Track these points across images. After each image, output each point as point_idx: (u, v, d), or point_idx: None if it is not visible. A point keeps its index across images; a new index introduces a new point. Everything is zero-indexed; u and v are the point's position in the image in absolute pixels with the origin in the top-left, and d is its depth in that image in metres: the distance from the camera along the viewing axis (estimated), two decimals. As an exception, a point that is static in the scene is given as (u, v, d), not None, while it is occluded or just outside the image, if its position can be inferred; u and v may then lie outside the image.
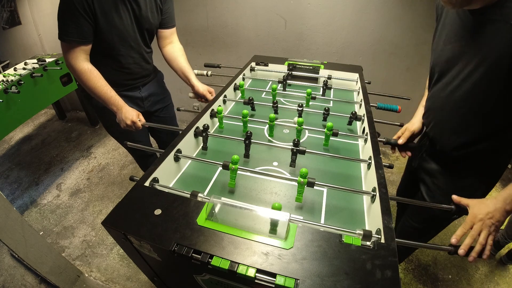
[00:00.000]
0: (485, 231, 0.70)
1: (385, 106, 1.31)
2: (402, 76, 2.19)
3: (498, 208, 0.70)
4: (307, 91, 1.30)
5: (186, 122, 1.16)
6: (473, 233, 0.71)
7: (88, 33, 1.07)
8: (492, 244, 0.71)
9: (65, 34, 1.05)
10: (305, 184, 0.78)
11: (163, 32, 1.36)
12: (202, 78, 1.75)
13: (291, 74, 1.59)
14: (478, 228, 0.71)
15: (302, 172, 0.77)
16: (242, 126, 1.17)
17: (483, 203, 0.73)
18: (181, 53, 1.43)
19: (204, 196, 0.75)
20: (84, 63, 1.11)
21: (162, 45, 1.41)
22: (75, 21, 1.03)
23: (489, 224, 0.70)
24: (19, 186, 2.35)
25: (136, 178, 0.83)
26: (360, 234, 0.63)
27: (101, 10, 1.06)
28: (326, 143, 1.08)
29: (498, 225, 0.71)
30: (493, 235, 0.70)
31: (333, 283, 0.53)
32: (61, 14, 1.04)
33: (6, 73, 2.15)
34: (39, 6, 2.70)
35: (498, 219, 0.70)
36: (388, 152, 2.60)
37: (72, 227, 1.95)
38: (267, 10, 2.17)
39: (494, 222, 0.70)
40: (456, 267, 1.64)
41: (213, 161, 0.90)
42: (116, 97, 1.18)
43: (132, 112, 1.18)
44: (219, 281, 0.66)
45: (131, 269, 1.66)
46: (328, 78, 1.54)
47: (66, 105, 3.40)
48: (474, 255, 0.69)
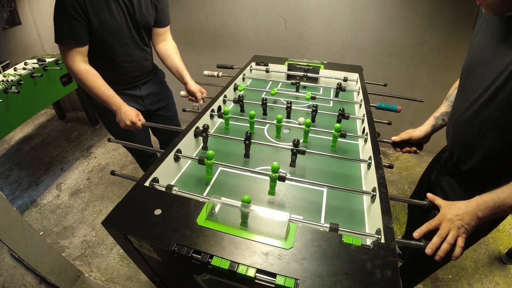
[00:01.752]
0: (453, 231, 0.69)
1: (385, 106, 1.31)
2: (402, 76, 2.19)
3: (469, 211, 0.69)
4: (306, 94, 1.30)
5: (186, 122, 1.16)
6: (440, 232, 0.70)
7: (82, 34, 1.08)
8: (463, 246, 0.68)
9: (60, 36, 1.06)
10: (277, 178, 0.80)
11: (157, 30, 1.36)
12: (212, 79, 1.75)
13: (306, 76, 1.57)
14: (446, 227, 0.70)
15: (274, 166, 0.80)
16: (242, 126, 1.18)
17: (454, 205, 0.72)
18: (175, 50, 1.43)
19: (204, 196, 0.75)
20: (81, 64, 1.11)
21: (155, 42, 1.41)
22: (69, 23, 1.03)
23: (458, 225, 0.69)
24: (19, 186, 2.35)
25: (117, 172, 0.88)
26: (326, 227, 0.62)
27: (93, 9, 1.05)
28: (333, 145, 1.07)
29: (468, 228, 0.69)
30: (463, 237, 0.68)
31: (333, 283, 0.53)
32: (55, 17, 1.05)
33: (6, 73, 2.15)
34: (39, 6, 2.70)
35: (467, 222, 0.68)
36: (388, 152, 2.60)
37: (72, 227, 1.95)
38: (267, 10, 2.17)
39: (463, 224, 0.68)
40: (456, 267, 1.64)
41: (212, 161, 0.90)
42: (115, 97, 1.18)
43: (131, 112, 1.18)
44: (219, 281, 0.66)
45: (131, 269, 1.66)
46: (344, 80, 1.53)
47: (66, 105, 3.40)
48: (440, 254, 0.67)
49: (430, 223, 0.73)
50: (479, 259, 1.69)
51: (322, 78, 1.59)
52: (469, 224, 0.68)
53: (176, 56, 1.42)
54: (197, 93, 1.42)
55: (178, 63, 1.41)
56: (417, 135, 1.03)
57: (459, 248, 0.67)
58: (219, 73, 1.66)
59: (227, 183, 0.92)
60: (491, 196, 0.68)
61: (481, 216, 0.68)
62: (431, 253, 0.68)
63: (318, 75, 1.59)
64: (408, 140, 1.05)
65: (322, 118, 1.24)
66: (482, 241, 1.78)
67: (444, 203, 0.75)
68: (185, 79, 1.41)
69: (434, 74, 2.11)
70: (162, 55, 1.42)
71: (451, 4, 1.79)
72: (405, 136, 1.05)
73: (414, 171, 2.36)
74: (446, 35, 1.91)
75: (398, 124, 1.86)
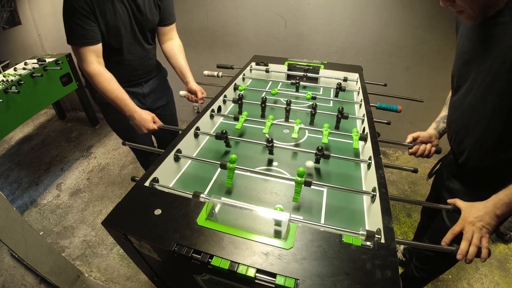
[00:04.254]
0: (477, 233, 0.70)
1: (386, 106, 1.31)
2: (402, 76, 2.19)
3: (488, 211, 0.71)
4: (306, 94, 1.30)
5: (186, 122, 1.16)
6: (466, 236, 0.71)
7: (93, 32, 1.08)
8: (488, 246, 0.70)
9: (72, 37, 1.07)
10: (303, 183, 0.78)
11: (162, 29, 1.36)
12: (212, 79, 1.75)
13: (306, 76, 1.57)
14: (469, 230, 0.71)
15: (300, 171, 0.77)
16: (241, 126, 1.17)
17: (474, 207, 0.74)
18: (180, 50, 1.44)
19: (204, 196, 0.75)
20: (95, 66, 1.11)
21: (161, 41, 1.41)
22: (79, 23, 1.04)
23: (479, 226, 0.71)
24: (19, 186, 2.35)
25: (137, 179, 0.83)
26: (363, 235, 0.63)
27: (99, 9, 1.06)
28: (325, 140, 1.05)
29: (490, 228, 0.71)
30: (486, 237, 0.70)
31: (333, 283, 0.53)
32: (65, 18, 1.05)
33: (6, 73, 2.15)
34: (39, 6, 2.70)
35: (488, 222, 0.70)
36: (388, 152, 2.60)
37: (72, 227, 1.95)
38: (267, 10, 2.17)
39: (484, 224, 0.71)
40: (456, 267, 1.64)
41: (213, 161, 0.90)
42: (128, 102, 1.17)
43: (147, 117, 1.18)
44: (219, 281, 0.66)
45: (131, 269, 1.66)
46: (344, 80, 1.53)
47: (66, 105, 3.40)
48: (470, 258, 0.69)
49: (454, 229, 0.75)
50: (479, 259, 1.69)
51: (322, 78, 1.59)
52: (489, 224, 0.70)
53: (180, 56, 1.43)
54: (198, 92, 1.43)
55: (182, 62, 1.42)
56: (423, 135, 1.07)
57: (485, 249, 0.69)
58: (219, 73, 1.66)
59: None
60: (505, 193, 0.70)
61: (500, 214, 0.70)
62: (462, 258, 0.69)
63: (318, 75, 1.59)
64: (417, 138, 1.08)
65: (322, 118, 1.24)
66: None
67: (464, 205, 0.77)
68: (187, 79, 1.42)
69: (434, 74, 2.11)
70: (167, 55, 1.43)
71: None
72: (415, 135, 1.07)
73: (414, 171, 2.36)
74: (446, 35, 1.91)
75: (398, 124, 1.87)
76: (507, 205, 0.69)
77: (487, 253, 0.69)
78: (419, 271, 1.23)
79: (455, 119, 0.93)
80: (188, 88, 1.45)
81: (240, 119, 1.11)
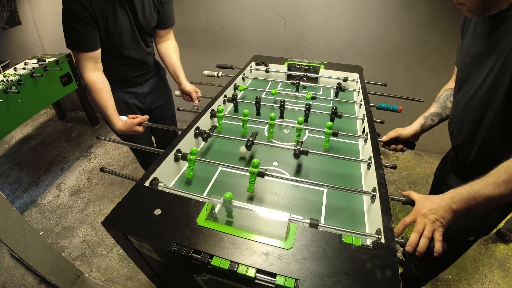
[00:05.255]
0: (429, 226, 0.68)
1: (386, 106, 1.31)
2: (402, 76, 2.19)
3: (443, 205, 0.68)
4: (306, 94, 1.30)
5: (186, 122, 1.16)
6: (417, 227, 0.69)
7: (92, 39, 1.08)
8: (441, 240, 0.67)
9: (70, 42, 1.07)
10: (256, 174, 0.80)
11: (160, 31, 1.37)
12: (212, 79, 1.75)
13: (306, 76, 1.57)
14: (421, 222, 0.69)
15: (254, 162, 0.79)
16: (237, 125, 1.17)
17: (429, 199, 0.72)
18: (175, 50, 1.44)
19: (204, 196, 0.75)
20: (90, 74, 1.12)
21: (157, 42, 1.42)
22: (78, 29, 1.04)
23: (432, 219, 0.68)
24: (19, 186, 2.35)
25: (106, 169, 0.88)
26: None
27: (100, 14, 1.06)
28: (326, 144, 1.06)
29: (444, 222, 0.68)
30: (439, 231, 0.67)
31: (333, 283, 0.53)
32: (64, 23, 1.05)
33: (6, 73, 2.15)
34: (39, 6, 2.70)
35: (441, 215, 0.67)
36: (388, 152, 2.60)
37: (72, 227, 1.95)
38: (267, 10, 2.17)
39: (437, 217, 0.68)
40: (456, 267, 1.64)
41: (213, 161, 0.90)
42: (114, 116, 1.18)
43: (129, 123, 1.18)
44: (219, 281, 0.66)
45: (131, 269, 1.66)
46: (344, 80, 1.53)
47: (66, 105, 3.40)
48: (420, 251, 0.67)
49: (405, 220, 0.73)
50: (479, 259, 1.69)
51: (322, 78, 1.59)
52: (443, 217, 0.67)
53: (175, 55, 1.42)
54: (192, 93, 1.42)
55: (175, 62, 1.42)
56: (405, 133, 1.07)
57: (438, 242, 0.66)
58: (219, 73, 1.66)
59: (227, 183, 0.92)
60: (465, 188, 0.67)
61: (456, 209, 0.67)
62: (411, 250, 0.67)
63: (318, 75, 1.59)
64: (397, 138, 1.09)
65: (318, 118, 1.24)
66: (482, 241, 1.78)
67: (418, 197, 0.75)
68: (180, 79, 1.42)
69: (434, 74, 2.11)
70: (162, 55, 1.43)
71: (451, 4, 1.79)
72: (394, 134, 1.08)
73: (414, 171, 2.36)
74: (446, 35, 1.91)
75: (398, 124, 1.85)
76: (466, 201, 0.66)
77: (441, 246, 0.66)
78: (419, 269, 1.23)
79: (455, 116, 0.93)
80: (181, 89, 1.46)
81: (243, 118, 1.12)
